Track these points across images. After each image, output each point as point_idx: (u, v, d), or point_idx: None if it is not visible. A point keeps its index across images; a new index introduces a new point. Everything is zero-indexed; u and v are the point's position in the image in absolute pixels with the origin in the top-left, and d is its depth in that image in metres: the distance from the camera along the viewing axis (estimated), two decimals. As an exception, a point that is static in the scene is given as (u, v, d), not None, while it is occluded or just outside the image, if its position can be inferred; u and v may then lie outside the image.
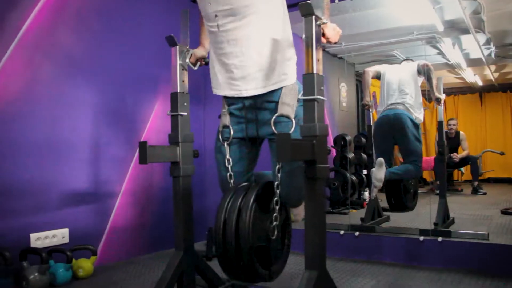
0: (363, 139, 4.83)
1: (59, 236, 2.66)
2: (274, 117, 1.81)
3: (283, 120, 1.82)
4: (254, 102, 1.87)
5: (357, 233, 3.09)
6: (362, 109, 4.95)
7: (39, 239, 2.55)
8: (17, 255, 2.35)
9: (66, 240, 2.69)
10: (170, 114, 2.02)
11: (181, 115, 2.00)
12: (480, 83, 7.01)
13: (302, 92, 1.63)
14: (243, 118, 1.92)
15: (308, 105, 1.58)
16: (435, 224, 3.26)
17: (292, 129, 1.79)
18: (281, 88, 1.83)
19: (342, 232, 3.14)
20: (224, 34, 1.83)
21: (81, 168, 2.83)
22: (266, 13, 1.80)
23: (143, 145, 1.80)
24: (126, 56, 3.12)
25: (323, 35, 1.67)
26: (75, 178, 2.79)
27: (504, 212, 4.07)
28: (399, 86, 3.53)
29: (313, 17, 1.59)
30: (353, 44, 4.61)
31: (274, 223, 1.78)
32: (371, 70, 3.78)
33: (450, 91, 7.47)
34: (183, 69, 2.04)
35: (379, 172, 3.19)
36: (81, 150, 2.83)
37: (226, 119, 1.97)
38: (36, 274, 2.31)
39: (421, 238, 2.85)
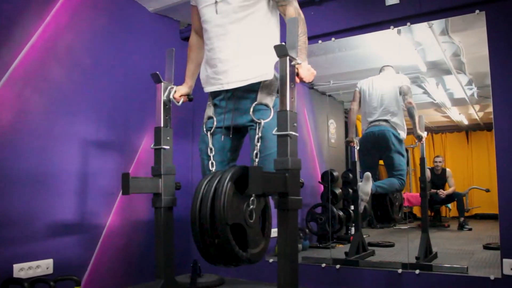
0: (351, 175, 4.90)
1: (43, 266, 2.69)
2: (253, 104, 1.94)
3: (262, 108, 1.95)
4: (236, 93, 2.01)
5: (338, 266, 3.15)
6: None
7: (23, 270, 2.58)
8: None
9: (50, 270, 2.71)
10: (154, 147, 2.12)
11: (164, 148, 2.10)
12: (466, 122, 7.17)
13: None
14: (225, 108, 2.05)
15: (282, 140, 1.68)
16: (417, 258, 3.32)
17: (271, 117, 1.92)
18: (261, 81, 1.98)
19: (323, 265, 3.20)
20: (215, 29, 2.00)
21: (68, 199, 2.89)
22: (257, 14, 1.98)
23: (125, 177, 1.89)
24: (115, 90, 3.24)
25: (297, 74, 1.79)
26: (62, 209, 2.84)
27: (486, 247, 4.12)
28: (381, 104, 3.63)
29: (288, 57, 1.70)
30: (340, 83, 4.76)
31: (251, 206, 1.85)
32: (355, 104, 3.90)
33: (438, 129, 7.63)
34: (166, 105, 2.15)
35: (366, 186, 3.29)
36: (69, 182, 2.90)
37: (210, 110, 2.12)
38: (18, 304, 2.33)
39: (400, 271, 2.91)
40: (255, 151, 1.92)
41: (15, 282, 2.40)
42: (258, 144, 1.92)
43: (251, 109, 1.93)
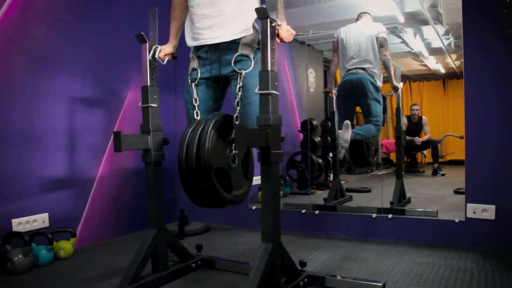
0: (330, 124, 5.06)
1: (40, 220, 2.83)
2: (235, 56, 2.05)
3: (243, 59, 2.06)
4: (219, 45, 2.11)
5: (317, 212, 3.36)
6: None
7: (21, 224, 2.72)
8: (1, 240, 2.52)
9: (46, 224, 2.86)
10: (141, 106, 2.21)
11: (151, 106, 2.19)
12: (443, 71, 7.32)
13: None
14: (208, 59, 2.16)
15: (263, 99, 1.79)
16: (391, 203, 3.54)
17: (251, 67, 2.03)
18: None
19: (303, 211, 3.41)
20: None
21: (59, 156, 2.99)
22: None
23: (117, 135, 1.99)
24: (99, 48, 3.26)
25: (278, 35, 1.89)
26: (53, 165, 2.95)
27: (456, 191, 4.36)
28: (358, 52, 3.71)
29: (268, 20, 1.79)
30: (320, 32, 4.82)
31: (234, 151, 2.02)
32: (336, 56, 3.97)
33: (416, 77, 7.77)
34: (152, 64, 2.23)
35: (346, 134, 3.44)
36: (58, 139, 2.99)
37: (195, 63, 2.22)
38: (20, 256, 2.48)
39: (374, 215, 3.13)
40: (236, 100, 2.04)
41: (15, 235, 2.54)
42: (239, 94, 2.03)
43: (233, 60, 2.04)
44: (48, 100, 2.93)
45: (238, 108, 2.04)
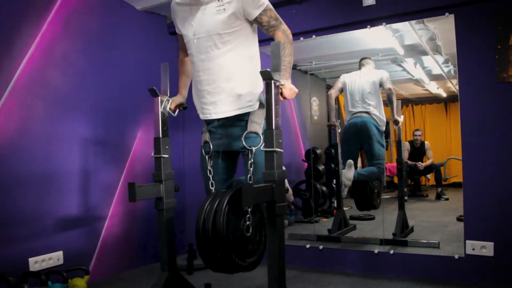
0: (333, 151, 5.16)
1: (55, 258, 2.95)
2: (244, 133, 2.15)
3: (252, 135, 2.16)
4: (227, 121, 2.23)
5: (321, 247, 3.46)
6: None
7: (37, 262, 2.84)
8: (18, 279, 2.61)
9: (61, 261, 2.98)
10: (154, 156, 2.34)
11: (163, 157, 2.32)
12: (444, 95, 7.44)
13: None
14: (218, 134, 2.27)
15: (269, 156, 1.92)
16: (394, 234, 3.63)
17: (261, 143, 2.13)
18: (249, 112, 2.19)
19: (308, 245, 3.50)
20: (201, 63, 2.19)
21: (73, 195, 3.13)
22: (238, 46, 2.15)
23: (131, 186, 2.12)
24: (110, 90, 3.43)
25: (281, 94, 2.02)
26: (68, 205, 3.09)
27: (459, 219, 4.43)
28: (362, 97, 3.88)
29: (272, 81, 1.92)
30: (323, 63, 4.96)
31: (247, 222, 2.11)
32: (334, 91, 4.14)
33: (418, 101, 7.89)
34: (164, 116, 2.37)
35: (349, 172, 3.56)
36: (72, 179, 3.13)
37: (206, 136, 2.34)
38: (37, 295, 2.60)
39: (376, 251, 3.22)
40: (249, 175, 2.15)
41: (33, 275, 2.66)
42: (251, 169, 2.13)
43: (243, 137, 2.13)
44: (63, 142, 3.08)
45: (250, 182, 2.14)
